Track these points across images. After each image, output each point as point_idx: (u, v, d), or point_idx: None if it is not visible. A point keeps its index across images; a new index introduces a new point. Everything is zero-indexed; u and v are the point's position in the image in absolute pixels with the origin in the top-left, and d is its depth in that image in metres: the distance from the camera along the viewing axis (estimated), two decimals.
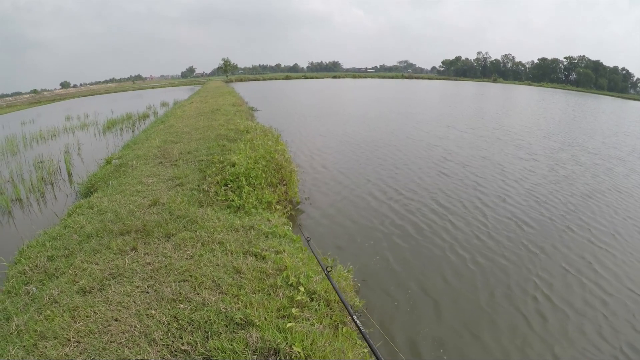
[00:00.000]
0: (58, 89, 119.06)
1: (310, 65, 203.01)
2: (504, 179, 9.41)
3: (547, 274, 5.21)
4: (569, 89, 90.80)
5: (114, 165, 8.33)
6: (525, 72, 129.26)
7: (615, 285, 5.06)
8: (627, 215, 7.50)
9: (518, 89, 67.58)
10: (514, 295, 4.72)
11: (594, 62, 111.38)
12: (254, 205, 5.73)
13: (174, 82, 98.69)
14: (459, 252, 5.72)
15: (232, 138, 9.27)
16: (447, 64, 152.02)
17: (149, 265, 3.73)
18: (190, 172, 6.86)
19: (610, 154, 13.08)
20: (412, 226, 6.59)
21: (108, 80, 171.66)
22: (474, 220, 6.85)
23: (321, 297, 3.41)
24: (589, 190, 8.82)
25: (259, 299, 3.17)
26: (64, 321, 2.92)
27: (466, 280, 5.01)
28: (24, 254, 4.37)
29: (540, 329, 4.14)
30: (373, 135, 15.04)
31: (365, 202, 7.70)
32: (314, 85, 60.93)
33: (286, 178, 7.32)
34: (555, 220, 7.03)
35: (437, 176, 9.56)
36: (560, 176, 9.89)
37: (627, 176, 10.31)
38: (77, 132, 18.42)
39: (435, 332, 4.02)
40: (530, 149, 13.09)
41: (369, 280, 4.86)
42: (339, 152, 12.19)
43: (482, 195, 8.19)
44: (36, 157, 11.76)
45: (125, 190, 6.17)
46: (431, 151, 12.29)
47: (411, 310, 4.38)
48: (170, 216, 4.94)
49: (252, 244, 4.21)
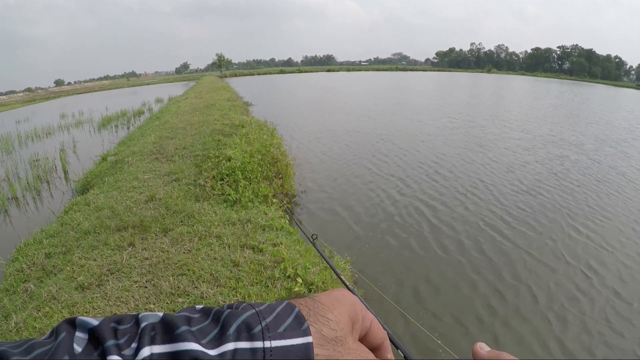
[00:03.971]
0: (52, 87, 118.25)
1: (305, 59, 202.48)
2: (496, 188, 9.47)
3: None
4: (562, 78, 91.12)
5: (110, 162, 8.31)
6: (519, 62, 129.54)
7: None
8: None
9: (512, 79, 67.53)
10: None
11: (587, 50, 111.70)
12: (250, 199, 5.73)
13: (169, 79, 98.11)
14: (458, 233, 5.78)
15: (227, 133, 9.25)
16: (441, 56, 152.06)
17: (147, 260, 3.74)
18: (186, 167, 6.85)
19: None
20: (409, 216, 6.63)
21: (102, 78, 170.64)
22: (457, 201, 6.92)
23: (319, 288, 3.44)
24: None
25: (257, 291, 3.19)
26: (63, 317, 2.92)
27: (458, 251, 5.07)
28: (21, 251, 4.36)
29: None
30: (368, 126, 15.03)
31: (362, 193, 7.73)
32: (308, 79, 60.68)
33: (282, 171, 7.34)
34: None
35: (428, 161, 9.61)
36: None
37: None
38: (72, 129, 18.28)
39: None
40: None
41: (365, 269, 4.90)
42: (335, 143, 12.17)
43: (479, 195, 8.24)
44: (32, 156, 11.68)
45: (122, 186, 6.16)
46: (422, 143, 12.36)
47: (412, 299, 4.43)
48: (167, 211, 4.95)
49: (249, 237, 4.23)
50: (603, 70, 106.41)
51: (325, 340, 0.35)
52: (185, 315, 0.34)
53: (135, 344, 0.31)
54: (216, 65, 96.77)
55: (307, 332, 0.34)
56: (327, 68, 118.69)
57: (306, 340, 0.34)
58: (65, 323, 0.33)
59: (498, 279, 4.86)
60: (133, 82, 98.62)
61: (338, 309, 0.38)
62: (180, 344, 0.31)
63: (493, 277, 4.89)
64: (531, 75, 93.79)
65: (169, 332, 0.32)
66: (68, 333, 0.32)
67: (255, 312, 0.34)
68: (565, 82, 68.99)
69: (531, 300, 4.48)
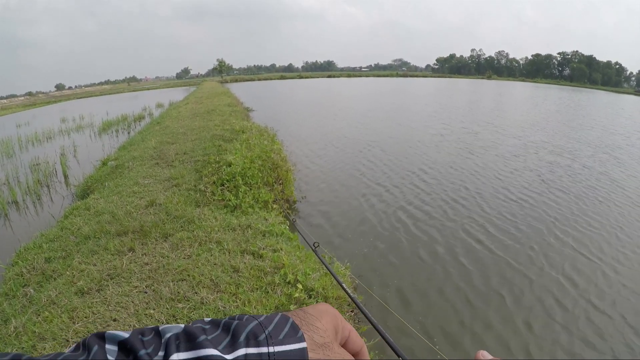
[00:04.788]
0: (53, 91, 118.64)
1: (305, 65, 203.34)
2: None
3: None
4: (563, 84, 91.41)
5: (110, 166, 8.32)
6: (519, 68, 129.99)
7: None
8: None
9: (512, 85, 67.68)
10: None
11: (587, 57, 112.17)
12: (250, 204, 5.74)
13: (169, 84, 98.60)
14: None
15: (227, 138, 9.27)
16: (441, 62, 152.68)
17: (147, 266, 3.74)
18: (186, 172, 6.86)
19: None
20: (410, 219, 6.63)
21: (103, 82, 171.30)
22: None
23: (319, 294, 3.43)
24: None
25: (257, 297, 3.19)
26: (62, 322, 2.92)
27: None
28: (21, 256, 4.36)
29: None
30: (368, 133, 15.05)
31: (364, 199, 7.73)
32: (309, 85, 60.87)
33: (282, 177, 7.34)
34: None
35: (421, 164, 9.62)
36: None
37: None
38: (73, 134, 18.32)
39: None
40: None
41: (365, 275, 4.89)
42: (335, 149, 12.19)
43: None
44: (32, 160, 11.70)
45: (122, 191, 6.17)
46: (418, 148, 12.36)
47: (413, 302, 4.42)
48: (167, 216, 4.95)
49: (250, 243, 4.23)
50: (603, 76, 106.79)
51: (316, 346, 0.41)
52: (200, 327, 0.40)
53: (162, 352, 0.37)
54: (217, 70, 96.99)
55: (302, 338, 0.40)
56: (327, 74, 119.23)
57: (302, 346, 0.40)
58: (94, 337, 0.38)
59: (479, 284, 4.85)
60: (134, 86, 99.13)
61: (325, 319, 0.44)
62: (202, 350, 0.37)
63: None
64: (531, 82, 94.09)
65: (191, 340, 0.38)
66: (100, 347, 0.37)
67: (258, 322, 0.40)
68: (566, 88, 69.13)
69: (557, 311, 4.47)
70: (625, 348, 3.87)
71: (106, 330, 0.39)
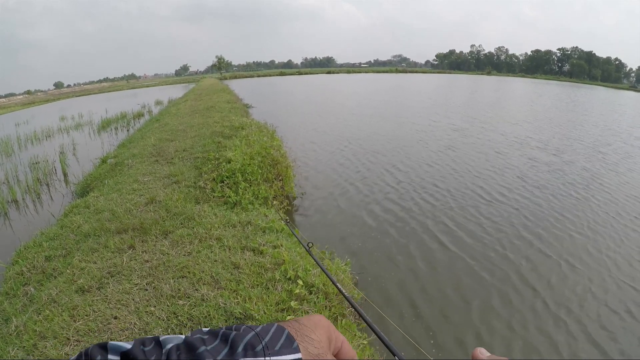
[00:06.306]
0: (52, 90, 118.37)
1: (305, 61, 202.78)
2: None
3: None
4: (562, 80, 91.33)
5: (110, 164, 8.30)
6: (518, 64, 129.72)
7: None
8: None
9: (511, 81, 67.50)
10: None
11: (587, 53, 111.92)
12: (250, 201, 5.73)
13: (168, 81, 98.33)
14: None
15: (227, 135, 9.24)
16: (441, 58, 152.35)
17: (147, 263, 3.73)
18: (186, 169, 6.85)
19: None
20: (408, 214, 6.62)
21: (102, 80, 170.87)
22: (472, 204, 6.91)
23: (320, 290, 3.43)
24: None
25: (258, 293, 3.18)
26: (63, 320, 2.92)
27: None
28: (21, 254, 4.35)
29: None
30: (368, 130, 15.04)
31: (363, 195, 7.73)
32: (308, 81, 60.74)
33: (282, 173, 7.32)
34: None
35: (426, 165, 9.61)
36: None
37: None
38: (72, 132, 18.28)
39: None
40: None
41: (365, 272, 4.89)
42: (335, 145, 12.18)
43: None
44: (31, 158, 11.68)
45: (122, 189, 6.16)
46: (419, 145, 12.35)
47: (412, 299, 4.42)
48: (167, 214, 4.94)
49: (250, 239, 4.22)
50: (603, 72, 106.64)
51: (310, 356, 0.42)
52: (200, 337, 0.41)
53: None
54: (216, 67, 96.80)
55: (297, 349, 0.41)
56: (327, 70, 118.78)
57: (297, 356, 0.41)
58: (97, 347, 0.40)
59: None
60: (133, 84, 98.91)
61: (319, 330, 0.46)
62: None
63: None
64: (531, 78, 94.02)
65: (191, 351, 0.39)
66: (103, 358, 0.38)
67: (255, 333, 0.42)
68: (565, 84, 69.06)
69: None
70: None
71: (108, 341, 0.41)
